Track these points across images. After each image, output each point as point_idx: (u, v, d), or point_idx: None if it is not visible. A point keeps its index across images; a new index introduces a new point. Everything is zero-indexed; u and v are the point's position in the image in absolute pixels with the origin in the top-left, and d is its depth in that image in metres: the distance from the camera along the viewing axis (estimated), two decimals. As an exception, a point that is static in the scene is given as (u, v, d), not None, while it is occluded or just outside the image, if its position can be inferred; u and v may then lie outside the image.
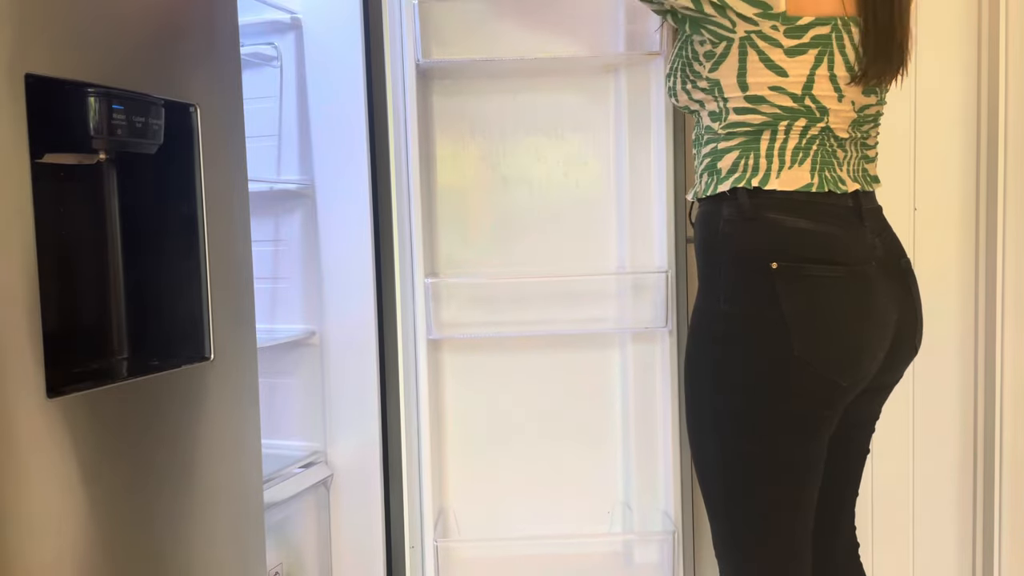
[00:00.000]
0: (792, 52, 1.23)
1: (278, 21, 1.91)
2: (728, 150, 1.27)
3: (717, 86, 1.27)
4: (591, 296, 1.94)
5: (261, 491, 1.39)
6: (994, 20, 1.89)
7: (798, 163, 1.25)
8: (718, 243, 1.27)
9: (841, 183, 1.26)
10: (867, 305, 1.24)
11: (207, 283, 1.26)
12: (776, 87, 1.24)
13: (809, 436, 1.24)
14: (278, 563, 1.81)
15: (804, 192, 1.24)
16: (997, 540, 1.95)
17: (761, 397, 1.22)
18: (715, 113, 1.29)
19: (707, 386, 1.27)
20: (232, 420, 1.32)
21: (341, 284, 1.90)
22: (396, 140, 1.84)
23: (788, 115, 1.25)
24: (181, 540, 1.21)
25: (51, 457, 1.00)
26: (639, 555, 1.96)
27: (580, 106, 1.94)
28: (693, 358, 1.30)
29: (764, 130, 1.25)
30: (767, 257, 1.21)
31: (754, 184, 1.24)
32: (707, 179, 1.31)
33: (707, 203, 1.31)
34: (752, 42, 1.23)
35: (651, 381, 1.94)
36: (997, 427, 1.93)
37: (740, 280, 1.24)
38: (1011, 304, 1.91)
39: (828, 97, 1.25)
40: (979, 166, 1.96)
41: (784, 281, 1.20)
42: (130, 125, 1.10)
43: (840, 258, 1.22)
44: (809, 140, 1.25)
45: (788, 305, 1.20)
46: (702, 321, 1.29)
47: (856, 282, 1.23)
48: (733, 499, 1.27)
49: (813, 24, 1.22)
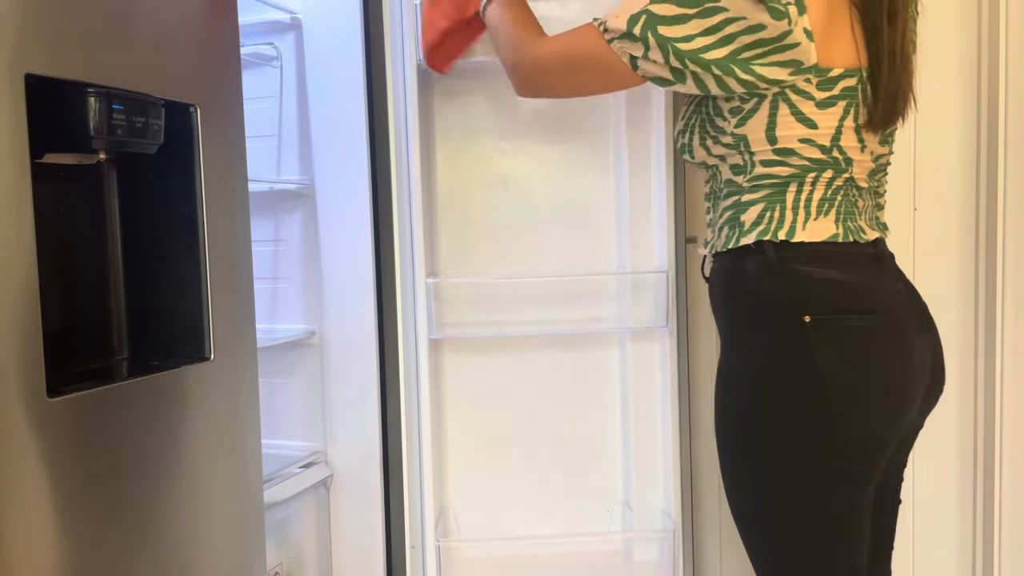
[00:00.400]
0: (823, 104, 1.20)
1: (278, 21, 1.91)
2: (753, 202, 1.24)
3: (743, 141, 1.24)
4: (592, 296, 1.94)
5: (261, 491, 1.39)
6: (994, 20, 1.89)
7: (823, 214, 1.22)
8: (744, 298, 1.24)
9: (863, 232, 1.24)
10: (905, 352, 1.21)
11: (207, 283, 1.26)
12: (806, 139, 1.21)
13: (853, 493, 1.20)
14: (278, 563, 1.81)
15: (831, 243, 1.21)
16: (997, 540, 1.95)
17: (800, 456, 1.18)
18: (739, 167, 1.26)
19: (743, 447, 1.23)
20: (232, 420, 1.32)
21: (341, 284, 1.90)
22: (397, 140, 1.84)
23: (816, 167, 1.22)
24: (181, 540, 1.21)
25: (51, 457, 1.00)
26: (639, 553, 1.96)
27: (580, 106, 1.94)
28: (726, 418, 1.26)
29: (791, 182, 1.22)
30: (799, 310, 1.17)
31: (780, 237, 1.21)
32: (728, 232, 1.27)
33: (727, 257, 1.28)
34: (785, 96, 1.20)
35: (651, 380, 1.94)
36: (997, 427, 1.93)
37: (771, 335, 1.20)
38: (1011, 304, 1.91)
39: (853, 148, 1.23)
40: (979, 166, 1.96)
41: (819, 334, 1.16)
42: (130, 125, 1.10)
43: (873, 306, 1.20)
44: (834, 191, 1.23)
45: (824, 358, 1.16)
46: (731, 379, 1.25)
47: (891, 329, 1.20)
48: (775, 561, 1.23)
49: (843, 76, 1.20)
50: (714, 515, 2.08)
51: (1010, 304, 1.91)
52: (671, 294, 1.87)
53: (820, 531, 1.20)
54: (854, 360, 1.17)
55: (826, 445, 1.17)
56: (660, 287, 1.88)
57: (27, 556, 0.97)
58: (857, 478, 1.20)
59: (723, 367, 1.28)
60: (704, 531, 2.10)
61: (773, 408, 1.19)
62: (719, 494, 2.14)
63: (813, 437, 1.17)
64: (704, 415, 2.14)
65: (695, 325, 2.04)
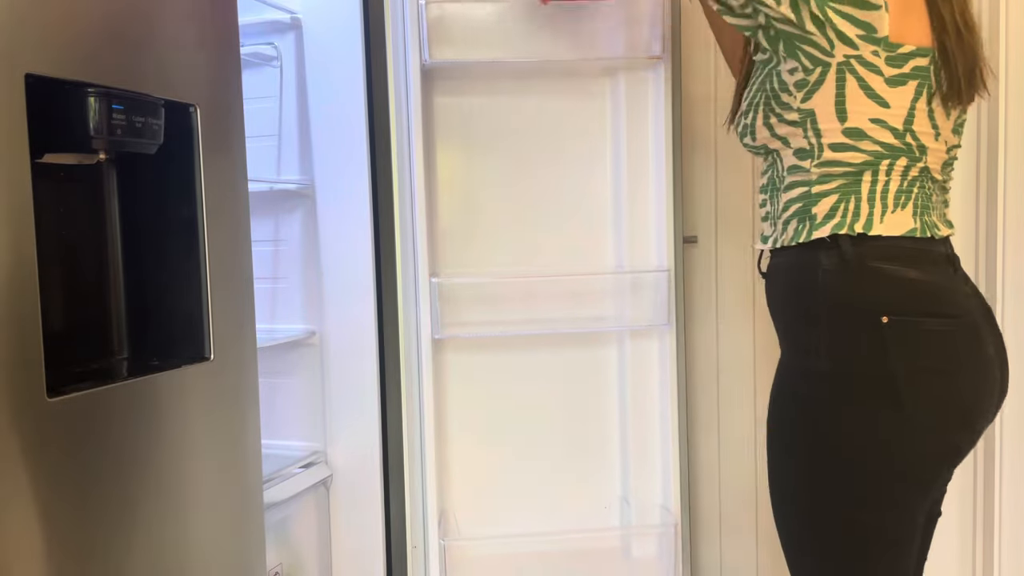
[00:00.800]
0: (893, 82, 1.15)
1: (278, 21, 1.91)
2: (825, 193, 1.19)
3: (810, 117, 1.18)
4: (593, 295, 1.94)
5: (261, 491, 1.39)
6: (994, 20, 1.89)
7: (901, 207, 1.17)
8: (815, 294, 1.18)
9: (937, 228, 1.20)
10: (981, 358, 1.16)
11: (207, 283, 1.26)
12: (877, 119, 1.16)
13: (916, 501, 1.16)
14: (278, 563, 1.81)
15: (909, 238, 1.16)
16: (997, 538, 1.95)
17: (866, 461, 1.14)
18: (804, 151, 1.20)
19: (802, 451, 1.18)
20: (232, 420, 1.32)
21: (341, 284, 1.90)
22: (399, 140, 1.84)
23: (889, 154, 1.17)
24: (181, 540, 1.21)
25: (51, 457, 1.00)
26: (637, 548, 1.97)
27: (580, 107, 1.94)
28: (782, 420, 1.21)
29: (865, 170, 1.17)
30: (876, 310, 1.12)
31: (857, 230, 1.16)
32: (796, 225, 1.21)
33: (797, 252, 1.22)
34: (851, 68, 1.15)
35: (650, 378, 1.95)
36: (997, 427, 1.93)
37: (843, 335, 1.15)
38: (1011, 304, 1.91)
39: (927, 135, 1.18)
40: (979, 166, 1.96)
41: (896, 336, 1.12)
42: (130, 125, 1.10)
43: (951, 310, 1.15)
44: (911, 182, 1.18)
45: (899, 362, 1.11)
46: (792, 379, 1.21)
47: (968, 334, 1.16)
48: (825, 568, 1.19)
49: (914, 54, 1.16)
50: (712, 510, 2.08)
51: (1010, 304, 1.91)
52: (672, 293, 1.87)
53: (876, 535, 1.16)
54: (929, 365, 1.13)
55: (895, 450, 1.13)
56: (660, 286, 1.88)
57: (27, 556, 0.97)
58: (921, 487, 1.16)
59: (787, 364, 1.23)
60: (702, 526, 2.10)
61: (842, 407, 1.14)
62: (717, 489, 2.14)
63: (882, 441, 1.12)
64: (702, 411, 2.15)
65: (692, 323, 2.04)
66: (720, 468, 2.14)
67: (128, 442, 1.11)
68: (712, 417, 2.15)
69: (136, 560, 1.13)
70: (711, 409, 2.15)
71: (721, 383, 2.14)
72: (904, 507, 1.16)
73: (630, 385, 1.96)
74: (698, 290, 2.12)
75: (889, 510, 1.15)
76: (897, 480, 1.14)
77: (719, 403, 2.14)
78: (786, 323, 1.25)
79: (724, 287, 2.13)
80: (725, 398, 2.15)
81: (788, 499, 1.21)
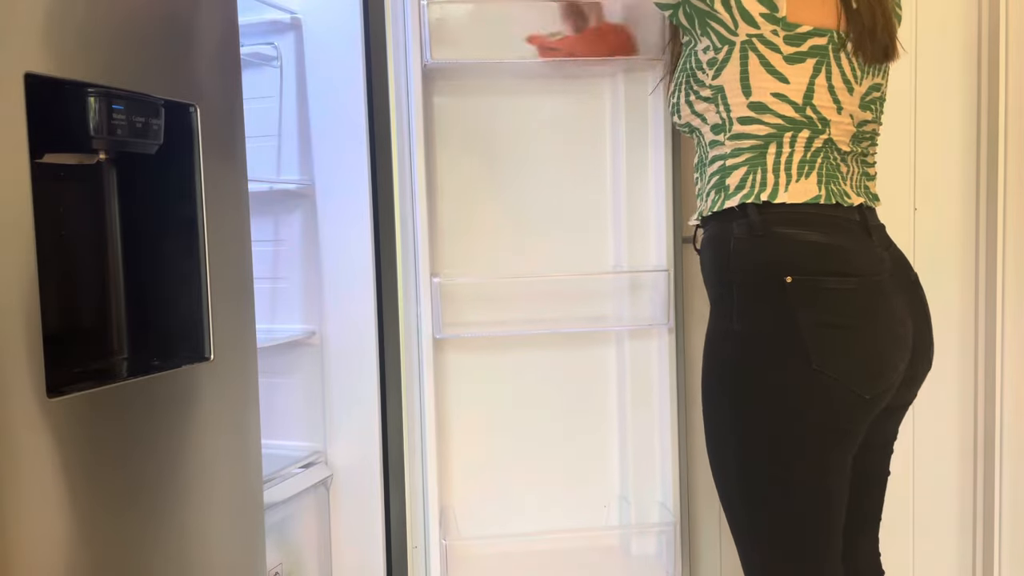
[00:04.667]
0: (791, 59, 1.24)
1: (278, 21, 1.91)
2: (736, 167, 1.27)
3: (720, 92, 1.27)
4: (592, 295, 1.95)
5: (261, 491, 1.39)
6: (994, 20, 1.89)
7: (804, 175, 1.25)
8: (729, 262, 1.26)
9: (847, 196, 1.26)
10: (885, 315, 1.22)
11: (207, 283, 1.26)
12: (778, 94, 1.24)
13: (833, 452, 1.21)
14: (278, 563, 1.81)
15: (813, 204, 1.24)
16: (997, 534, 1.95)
17: (782, 415, 1.20)
18: (718, 126, 1.29)
19: (725, 408, 1.25)
20: (232, 420, 1.32)
21: (341, 284, 1.90)
22: (399, 140, 1.84)
23: (791, 126, 1.25)
24: (181, 540, 1.21)
25: (51, 457, 1.00)
26: (636, 547, 1.97)
27: (580, 107, 1.94)
28: (709, 382, 1.27)
29: (770, 143, 1.25)
30: (781, 272, 1.20)
31: (763, 199, 1.24)
32: (714, 196, 1.30)
33: (714, 223, 1.30)
34: (753, 46, 1.24)
35: (649, 377, 1.95)
36: (997, 427, 1.93)
37: (753, 297, 1.22)
38: (1011, 304, 1.91)
39: (828, 108, 1.26)
40: (979, 166, 1.96)
41: (799, 295, 1.19)
42: (130, 125, 1.10)
43: (853, 270, 1.21)
44: (814, 153, 1.25)
45: (804, 319, 1.18)
46: (715, 343, 1.27)
47: (872, 293, 1.22)
48: (757, 522, 1.24)
49: (811, 34, 1.24)
50: (711, 508, 2.08)
51: (1010, 304, 1.91)
52: (671, 292, 1.88)
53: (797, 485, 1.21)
54: (833, 320, 1.19)
55: (806, 402, 1.19)
56: (659, 285, 1.89)
57: (27, 555, 0.97)
58: (836, 437, 1.21)
59: (710, 329, 1.30)
60: (701, 524, 2.10)
61: (756, 365, 1.21)
62: (716, 489, 2.14)
63: (793, 394, 1.19)
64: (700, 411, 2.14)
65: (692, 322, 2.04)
66: (720, 468, 2.14)
67: (128, 442, 1.11)
68: (712, 417, 2.14)
69: (136, 560, 1.13)
70: (711, 409, 2.14)
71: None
72: (824, 457, 1.21)
73: (629, 384, 1.96)
74: (697, 290, 2.11)
75: (810, 460, 1.21)
76: (813, 432, 1.20)
77: (719, 403, 2.14)
78: (710, 291, 1.32)
79: (724, 287, 2.13)
80: (725, 398, 2.15)
81: (719, 454, 1.28)
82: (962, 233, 1.99)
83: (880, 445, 1.35)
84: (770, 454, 1.21)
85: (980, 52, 1.94)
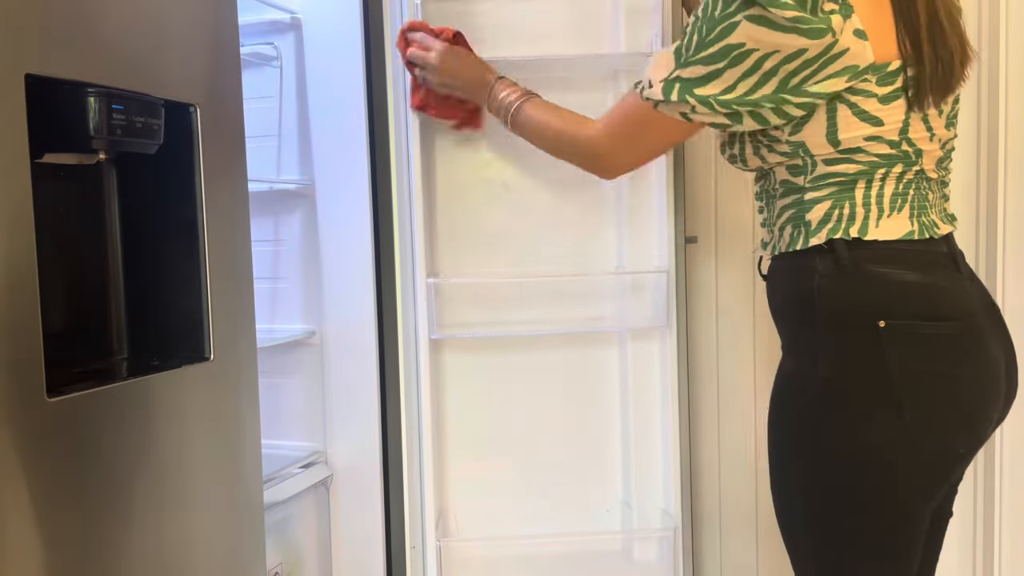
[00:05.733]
0: (886, 99, 1.13)
1: (278, 21, 1.91)
2: (818, 200, 1.17)
3: (802, 147, 1.17)
4: (593, 295, 1.94)
5: (261, 491, 1.39)
6: (994, 20, 1.89)
7: (897, 210, 1.15)
8: (813, 299, 1.16)
9: (936, 227, 1.18)
10: (984, 361, 1.14)
11: (207, 283, 1.26)
12: (873, 137, 1.14)
13: (917, 510, 1.14)
14: (278, 563, 1.81)
15: (906, 241, 1.14)
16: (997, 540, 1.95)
17: (867, 469, 1.12)
18: (797, 167, 1.19)
19: (801, 456, 1.17)
20: (232, 420, 1.32)
21: (341, 284, 1.90)
22: (397, 140, 1.84)
23: (886, 163, 1.15)
24: (180, 540, 1.21)
25: (51, 457, 1.00)
26: (638, 552, 1.96)
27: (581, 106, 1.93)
28: (787, 427, 1.19)
29: (859, 179, 1.15)
30: (873, 314, 1.11)
31: (852, 234, 1.14)
32: (791, 231, 1.20)
33: (793, 257, 1.20)
34: (842, 99, 1.13)
35: (650, 379, 1.94)
36: (997, 427, 1.93)
37: (841, 340, 1.13)
38: (1011, 304, 1.91)
39: (922, 138, 1.16)
40: (979, 166, 1.96)
41: (894, 340, 1.10)
42: (130, 125, 1.10)
43: (952, 313, 1.13)
44: (906, 185, 1.16)
45: (898, 367, 1.10)
46: (792, 385, 1.19)
47: (971, 338, 1.13)
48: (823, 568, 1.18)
49: (902, 68, 1.13)
50: (713, 514, 2.08)
51: (1010, 303, 1.91)
52: (672, 294, 1.87)
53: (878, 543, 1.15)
54: (930, 369, 1.11)
55: (896, 456, 1.11)
56: (660, 287, 1.88)
57: (27, 555, 0.97)
58: (923, 492, 1.14)
59: (786, 369, 1.22)
60: (703, 530, 2.10)
61: (840, 413, 1.13)
62: (718, 492, 2.14)
63: (882, 448, 1.11)
64: (704, 413, 2.15)
65: (693, 323, 2.04)
66: (721, 470, 2.14)
67: (128, 442, 1.11)
68: (712, 418, 2.14)
69: (136, 560, 1.13)
70: (711, 410, 2.15)
71: (721, 383, 2.14)
72: (906, 512, 1.14)
73: (631, 386, 1.95)
74: (698, 290, 2.12)
75: (890, 516, 1.14)
76: (897, 485, 1.13)
77: (719, 404, 2.14)
78: (785, 327, 1.24)
79: (724, 287, 2.13)
80: (725, 398, 2.15)
81: (790, 506, 1.20)
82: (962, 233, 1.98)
83: (951, 488, 1.28)
84: (849, 507, 1.14)
85: (980, 52, 1.94)
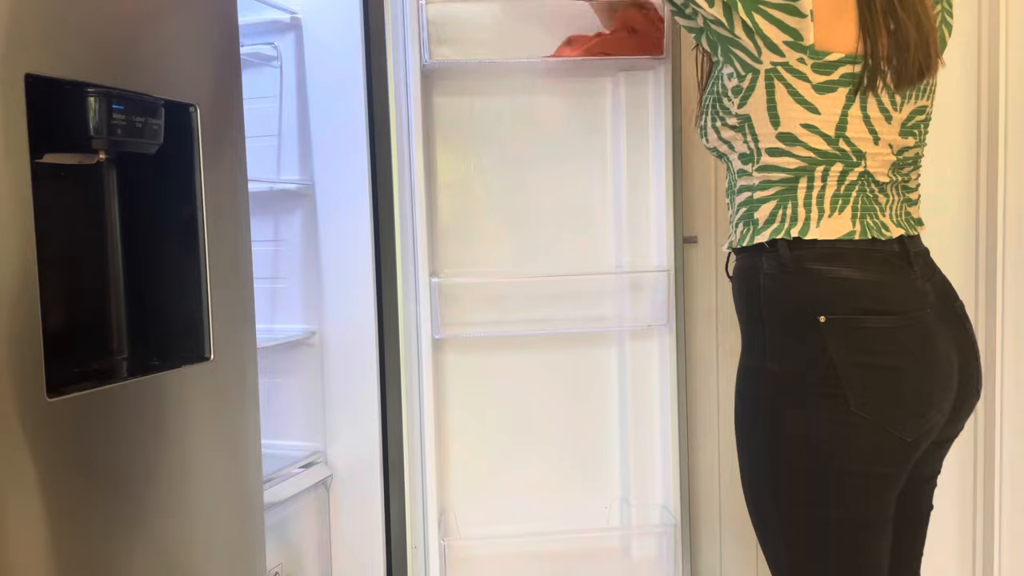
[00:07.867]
0: (821, 89, 1.16)
1: (278, 21, 1.91)
2: (764, 200, 1.22)
3: (747, 122, 1.21)
4: (593, 295, 1.95)
5: (261, 491, 1.39)
6: (994, 20, 1.89)
7: (838, 211, 1.19)
8: (759, 298, 1.21)
9: (884, 229, 1.20)
10: (928, 353, 1.17)
11: (207, 283, 1.26)
12: (808, 125, 1.17)
13: (874, 496, 1.17)
14: (278, 563, 1.81)
15: (848, 241, 1.18)
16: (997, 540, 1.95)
17: (820, 458, 1.15)
18: (746, 155, 1.23)
19: (761, 450, 1.21)
20: (232, 420, 1.32)
21: (341, 284, 1.90)
22: (399, 140, 1.84)
23: (823, 159, 1.18)
24: (181, 540, 1.21)
25: (51, 457, 1.00)
26: (637, 549, 1.97)
27: (581, 107, 1.94)
28: (744, 421, 1.23)
29: (800, 176, 1.19)
30: (814, 310, 1.15)
31: (793, 234, 1.18)
32: (743, 229, 1.25)
33: (744, 256, 1.25)
34: (779, 75, 1.17)
35: (650, 378, 1.95)
36: (997, 427, 1.93)
37: (787, 336, 1.18)
38: (1011, 304, 1.91)
39: (863, 140, 1.18)
40: (979, 166, 1.96)
41: (834, 334, 1.14)
42: (130, 125, 1.10)
43: (892, 307, 1.16)
44: (848, 186, 1.19)
45: (841, 359, 1.13)
46: (749, 381, 1.23)
47: (914, 330, 1.16)
48: (798, 566, 1.21)
49: (843, 62, 1.16)
50: (712, 510, 2.08)
51: (1010, 303, 1.91)
52: (671, 293, 1.87)
53: (839, 533, 1.18)
54: (871, 361, 1.14)
55: (844, 446, 1.15)
56: (660, 286, 1.88)
57: (27, 555, 0.97)
58: (876, 481, 1.17)
59: (742, 365, 1.26)
60: (702, 526, 2.10)
61: (790, 406, 1.17)
62: (717, 489, 2.14)
63: (830, 437, 1.15)
64: (702, 411, 2.15)
65: (692, 323, 2.04)
66: (720, 468, 2.14)
67: (128, 442, 1.11)
68: (711, 416, 2.15)
69: (136, 560, 1.13)
70: (710, 408, 2.15)
71: (721, 383, 2.14)
72: (863, 501, 1.17)
73: (630, 385, 1.96)
74: (698, 290, 2.12)
75: (848, 505, 1.17)
76: (852, 476, 1.16)
77: (719, 403, 2.14)
78: (741, 324, 1.28)
79: (724, 287, 2.13)
80: (725, 398, 2.15)
81: (755, 498, 1.24)
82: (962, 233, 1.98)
83: (924, 480, 1.31)
84: (808, 498, 1.17)
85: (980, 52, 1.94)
